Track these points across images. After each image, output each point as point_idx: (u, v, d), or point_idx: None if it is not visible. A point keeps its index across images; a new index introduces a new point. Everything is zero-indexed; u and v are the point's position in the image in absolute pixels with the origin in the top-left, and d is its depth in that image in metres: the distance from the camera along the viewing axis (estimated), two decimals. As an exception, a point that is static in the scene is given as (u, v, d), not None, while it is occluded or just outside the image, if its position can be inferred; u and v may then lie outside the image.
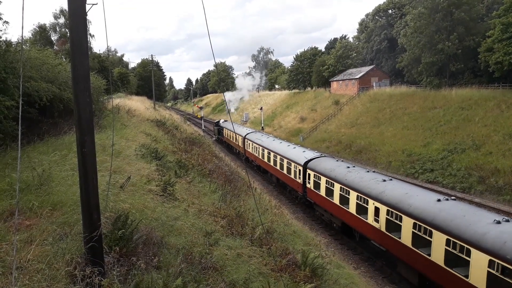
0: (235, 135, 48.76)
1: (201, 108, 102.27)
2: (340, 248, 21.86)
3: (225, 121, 63.71)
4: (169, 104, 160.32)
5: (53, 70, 18.17)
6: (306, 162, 26.31)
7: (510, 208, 26.48)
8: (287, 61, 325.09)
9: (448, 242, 13.45)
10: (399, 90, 58.03)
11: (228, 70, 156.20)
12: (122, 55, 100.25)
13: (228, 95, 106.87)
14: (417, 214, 15.08)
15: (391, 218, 16.69)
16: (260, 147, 36.85)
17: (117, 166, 13.13)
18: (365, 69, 71.32)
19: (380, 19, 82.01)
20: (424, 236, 14.63)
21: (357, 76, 68.65)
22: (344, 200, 20.86)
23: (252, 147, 39.92)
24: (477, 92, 43.77)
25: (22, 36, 5.62)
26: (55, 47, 59.34)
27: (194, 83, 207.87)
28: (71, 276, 6.10)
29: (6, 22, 13.88)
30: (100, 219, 6.51)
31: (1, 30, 14.24)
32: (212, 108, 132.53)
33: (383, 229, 17.30)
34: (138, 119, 31.80)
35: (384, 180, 18.92)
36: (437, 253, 13.97)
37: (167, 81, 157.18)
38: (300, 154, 28.34)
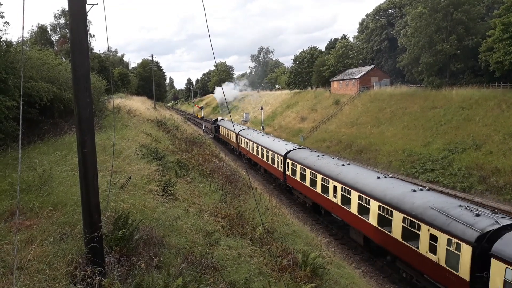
0: (230, 132, 52.76)
1: (201, 108, 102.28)
2: (341, 248, 21.86)
3: (222, 119, 67.77)
4: (169, 104, 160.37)
5: (54, 70, 18.19)
6: (286, 153, 30.11)
7: (510, 208, 26.47)
8: (288, 61, 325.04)
9: (380, 208, 17.39)
10: (400, 90, 58.02)
11: (229, 70, 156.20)
12: (123, 55, 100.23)
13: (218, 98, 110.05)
14: (361, 188, 19.16)
15: (344, 194, 20.87)
16: (251, 142, 40.65)
17: (118, 166, 13.14)
18: (366, 68, 71.32)
19: (381, 19, 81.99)
20: (365, 205, 18.66)
21: (358, 76, 68.63)
22: (313, 182, 24.76)
23: (244, 143, 43.69)
24: (477, 91, 43.75)
25: (22, 37, 5.63)
26: (55, 47, 59.37)
27: (194, 83, 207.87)
28: (72, 276, 6.11)
29: (7, 22, 13.90)
30: (100, 219, 6.52)
31: (1, 31, 14.26)
32: (213, 108, 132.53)
33: (339, 202, 21.50)
34: (138, 119, 31.82)
35: (343, 165, 23.12)
36: (373, 217, 17.94)
37: (167, 81, 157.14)
38: (282, 146, 32.14)
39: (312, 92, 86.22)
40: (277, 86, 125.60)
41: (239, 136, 46.37)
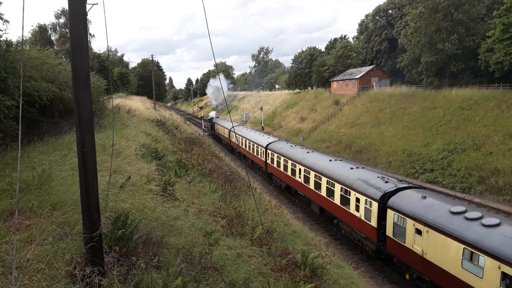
0: (224, 129, 57.98)
1: (201, 108, 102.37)
2: (340, 248, 21.86)
3: (217, 117, 73.91)
4: (169, 104, 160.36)
5: (53, 70, 18.19)
6: (267, 145, 35.08)
7: (510, 208, 26.48)
8: (288, 61, 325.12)
9: (327, 182, 22.60)
10: (399, 90, 58.04)
11: (228, 70, 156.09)
12: (122, 55, 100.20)
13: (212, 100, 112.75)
14: (316, 169, 24.30)
15: (306, 174, 25.90)
16: (240, 137, 45.22)
17: (117, 166, 13.14)
18: (365, 69, 71.34)
19: (381, 19, 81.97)
20: (319, 181, 23.74)
21: (357, 76, 68.65)
22: (286, 167, 29.85)
23: (235, 138, 48.39)
24: (477, 92, 43.76)
25: (22, 36, 5.63)
26: (55, 47, 59.34)
27: (194, 83, 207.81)
28: (71, 276, 6.11)
29: (7, 21, 13.90)
30: (100, 219, 6.52)
31: (1, 30, 14.25)
32: (212, 108, 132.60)
33: (302, 182, 26.51)
34: (138, 119, 31.81)
35: (308, 152, 28.07)
36: (324, 190, 23.09)
37: (167, 81, 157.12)
38: (265, 139, 37.47)
39: (312, 92, 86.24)
40: (277, 86, 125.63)
41: (231, 132, 51.32)
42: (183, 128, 44.07)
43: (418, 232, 14.82)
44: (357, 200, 19.00)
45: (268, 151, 34.24)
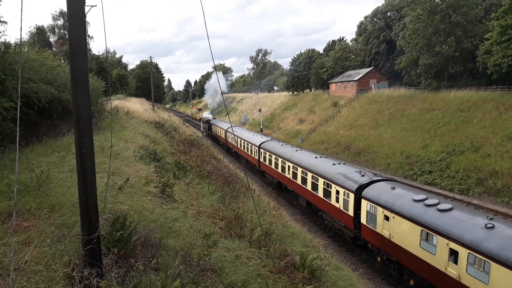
0: (220, 130, 60.22)
1: (199, 109, 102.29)
2: (339, 250, 21.86)
3: (214, 118, 78.97)
4: (168, 106, 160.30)
5: (52, 71, 18.16)
6: (260, 144, 37.07)
7: (508, 210, 26.52)
8: (286, 63, 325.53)
9: (312, 177, 24.46)
10: (398, 92, 58.14)
11: (227, 72, 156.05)
12: (121, 57, 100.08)
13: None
14: (303, 165, 26.14)
15: (294, 170, 27.75)
16: (236, 137, 47.07)
17: (116, 167, 13.13)
18: (364, 71, 71.47)
19: (379, 21, 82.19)
20: (305, 177, 25.56)
21: (356, 78, 68.77)
22: (276, 165, 31.79)
23: (231, 138, 50.53)
24: (475, 94, 43.87)
25: (20, 38, 5.63)
26: (53, 48, 59.29)
27: (193, 84, 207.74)
28: (69, 278, 6.09)
29: (5, 22, 13.89)
30: (98, 221, 6.50)
31: (0, 32, 14.22)
32: (211, 110, 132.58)
33: (291, 177, 28.47)
34: (136, 121, 31.78)
35: (296, 150, 30.18)
36: (309, 184, 24.94)
37: (165, 83, 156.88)
38: (258, 139, 39.59)
39: (311, 94, 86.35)
40: (275, 88, 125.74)
41: (227, 132, 53.71)
42: (182, 130, 44.05)
43: (386, 218, 16.70)
44: (337, 192, 21.11)
45: (261, 150, 36.31)
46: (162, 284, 6.79)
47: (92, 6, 6.78)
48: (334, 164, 23.69)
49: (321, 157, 26.65)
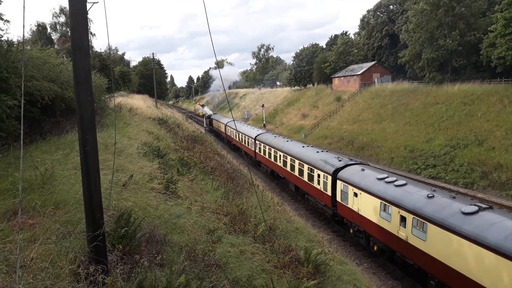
0: (220, 124, 64.14)
1: (202, 105, 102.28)
2: (343, 244, 21.87)
3: (215, 113, 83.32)
4: (170, 102, 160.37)
5: (55, 69, 18.17)
6: (256, 136, 40.08)
7: (513, 203, 26.41)
8: (289, 58, 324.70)
9: (299, 164, 27.47)
10: (401, 86, 57.86)
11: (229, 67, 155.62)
12: (123, 54, 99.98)
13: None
14: (292, 154, 29.13)
15: (284, 159, 30.84)
16: (234, 131, 50.36)
17: (120, 164, 13.15)
18: (367, 65, 71.13)
19: (382, 15, 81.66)
20: (293, 164, 28.72)
21: (359, 72, 68.48)
22: (270, 155, 34.73)
23: (230, 132, 54.73)
24: (479, 87, 43.59)
25: (23, 35, 5.63)
26: (55, 46, 59.34)
27: (195, 81, 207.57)
28: (75, 275, 6.12)
29: (7, 21, 13.89)
30: (103, 218, 6.52)
31: (2, 30, 14.24)
32: (214, 106, 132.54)
33: (282, 165, 31.61)
34: (140, 118, 31.81)
35: (287, 141, 33.30)
36: (297, 171, 28.05)
37: (168, 79, 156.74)
38: (254, 132, 42.60)
39: (313, 89, 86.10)
40: (278, 83, 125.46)
41: (226, 126, 57.49)
42: (185, 126, 44.08)
43: (356, 195, 19.71)
44: (318, 176, 24.18)
45: (257, 141, 39.25)
46: (167, 280, 6.81)
47: (94, 2, 6.76)
48: (317, 152, 26.77)
49: (307, 146, 30.15)
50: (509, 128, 33.80)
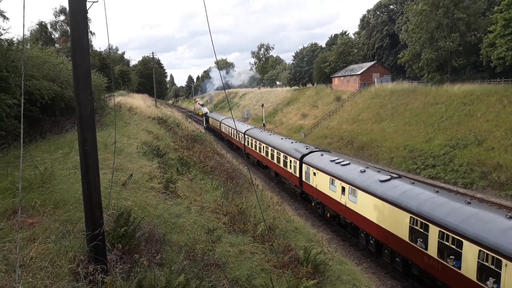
0: (215, 121, 68.55)
1: (202, 105, 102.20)
2: (342, 244, 21.88)
3: (211, 111, 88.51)
4: (170, 102, 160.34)
5: (55, 68, 18.15)
6: (245, 131, 44.70)
7: (512, 204, 26.42)
8: (289, 57, 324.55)
9: (277, 153, 32.26)
10: (401, 86, 57.84)
11: (229, 67, 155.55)
12: (123, 53, 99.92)
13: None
14: (273, 145, 33.45)
15: (266, 150, 35.59)
16: (228, 127, 56.20)
17: (119, 163, 13.16)
18: (367, 65, 71.13)
19: (382, 15, 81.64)
20: (273, 153, 33.54)
21: (359, 72, 68.47)
22: (256, 147, 39.42)
23: (224, 128, 59.51)
24: (479, 87, 43.58)
25: (23, 34, 5.63)
26: (56, 45, 59.28)
27: (195, 80, 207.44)
28: (74, 274, 6.12)
29: (7, 18, 13.89)
30: (102, 217, 6.53)
31: (4, 29, 14.21)
32: (214, 105, 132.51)
33: (265, 156, 36.22)
34: (139, 117, 31.81)
35: (270, 135, 38.38)
36: (275, 159, 32.85)
37: (168, 79, 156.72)
38: (244, 127, 48.01)
39: (313, 88, 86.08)
40: (278, 83, 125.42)
41: (221, 123, 61.94)
42: (185, 126, 44.10)
43: (314, 174, 24.75)
44: (290, 161, 29.17)
45: (245, 136, 44.12)
46: (166, 279, 6.81)
47: (93, 1, 6.76)
48: (292, 142, 31.97)
49: (285, 138, 35.28)
50: (508, 128, 33.81)
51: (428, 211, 14.37)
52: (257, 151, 38.90)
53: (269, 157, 34.74)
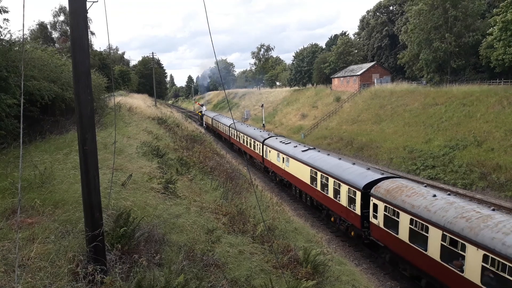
0: (208, 118, 74.11)
1: (202, 105, 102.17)
2: (342, 245, 21.87)
3: (206, 110, 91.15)
4: (170, 102, 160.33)
5: (56, 70, 18.13)
6: (230, 125, 52.13)
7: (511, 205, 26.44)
8: (289, 57, 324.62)
9: (249, 140, 40.44)
10: (400, 87, 57.86)
11: (229, 67, 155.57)
12: (123, 53, 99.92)
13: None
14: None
15: (248, 141, 41.17)
16: (219, 123, 61.81)
17: (119, 164, 13.16)
18: (366, 65, 71.17)
19: (381, 16, 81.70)
20: (251, 143, 39.53)
21: (358, 73, 68.51)
22: (250, 144, 41.90)
23: (217, 125, 63.72)
24: (478, 88, 43.61)
25: (23, 34, 5.63)
26: (56, 44, 59.27)
27: (195, 80, 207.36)
28: (74, 274, 6.12)
29: (6, 19, 13.89)
30: (102, 217, 6.53)
31: (6, 29, 14.22)
32: (214, 105, 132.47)
33: (248, 146, 41.43)
34: (139, 117, 31.81)
35: (254, 129, 43.88)
36: (249, 145, 41.08)
37: (167, 79, 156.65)
38: (230, 121, 54.94)
39: (313, 89, 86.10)
40: (277, 83, 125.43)
41: (213, 120, 67.97)
42: (184, 126, 44.09)
43: (269, 151, 33.75)
44: (256, 145, 37.23)
45: (231, 129, 50.89)
46: (165, 279, 6.81)
47: (93, 1, 6.76)
48: (260, 130, 38.71)
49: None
50: (508, 129, 33.83)
51: (318, 165, 23.94)
52: (241, 142, 45.93)
53: (246, 144, 42.42)
